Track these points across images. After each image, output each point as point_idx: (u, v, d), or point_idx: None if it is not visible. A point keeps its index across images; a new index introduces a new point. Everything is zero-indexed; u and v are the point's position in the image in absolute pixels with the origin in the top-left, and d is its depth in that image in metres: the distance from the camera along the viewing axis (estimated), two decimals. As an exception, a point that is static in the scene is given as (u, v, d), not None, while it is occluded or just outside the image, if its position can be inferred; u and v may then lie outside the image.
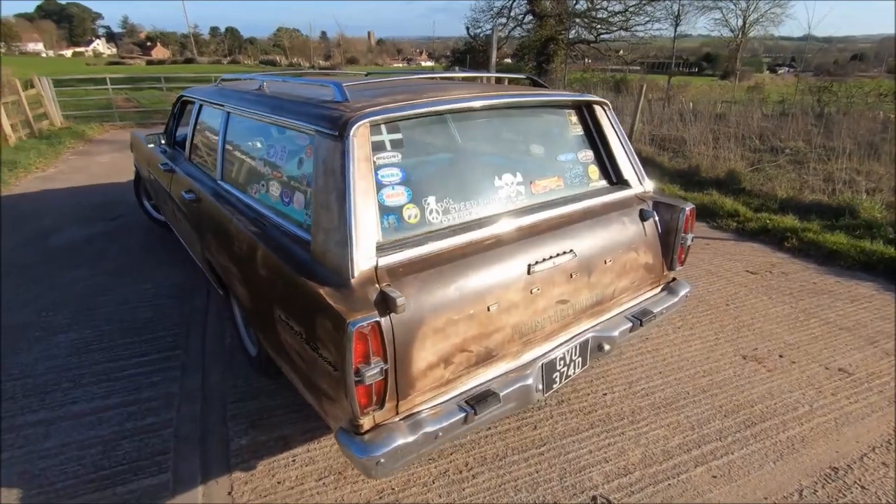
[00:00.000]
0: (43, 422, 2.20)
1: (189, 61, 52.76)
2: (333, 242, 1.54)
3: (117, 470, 1.96)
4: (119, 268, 3.78)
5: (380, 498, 1.85)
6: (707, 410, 2.32)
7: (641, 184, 2.38)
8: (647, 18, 20.47)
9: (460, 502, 1.84)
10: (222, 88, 2.78)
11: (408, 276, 1.55)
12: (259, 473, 1.95)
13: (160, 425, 2.19)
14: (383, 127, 1.74)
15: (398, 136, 1.77)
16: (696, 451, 2.08)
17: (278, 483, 1.91)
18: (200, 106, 2.91)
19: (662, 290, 2.40)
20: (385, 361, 1.43)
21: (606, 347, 2.08)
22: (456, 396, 1.67)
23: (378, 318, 1.39)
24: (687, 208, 2.27)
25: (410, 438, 1.51)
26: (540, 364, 1.85)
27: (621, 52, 24.05)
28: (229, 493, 1.86)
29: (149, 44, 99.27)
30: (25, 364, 2.61)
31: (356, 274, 1.49)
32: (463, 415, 1.61)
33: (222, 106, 2.53)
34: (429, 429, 1.55)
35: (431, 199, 1.78)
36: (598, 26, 21.34)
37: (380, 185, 1.67)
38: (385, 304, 1.45)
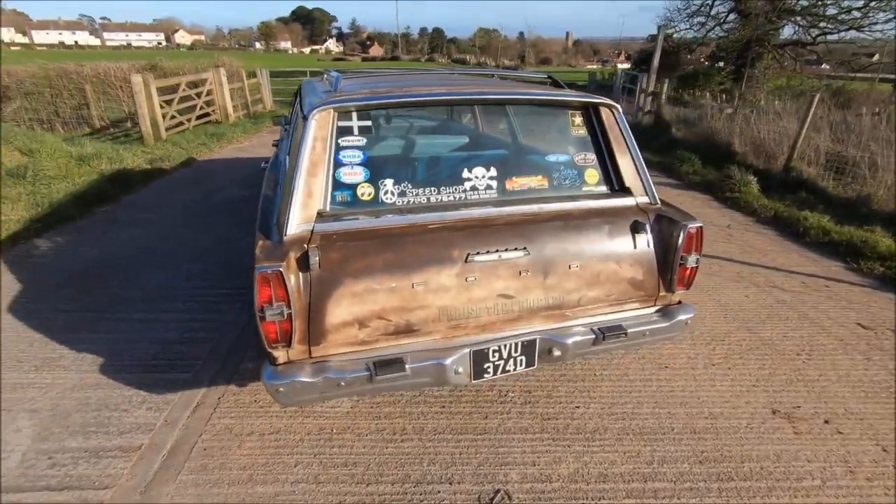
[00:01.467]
0: (138, 320, 2.99)
1: (394, 58, 58.85)
2: (284, 207, 1.86)
3: (163, 363, 2.59)
4: (252, 224, 4.70)
5: (318, 433, 2.14)
6: (682, 451, 2.09)
7: (646, 194, 2.22)
8: (892, 14, 16.59)
9: (377, 456, 2.03)
10: (310, 80, 3.32)
11: (338, 243, 1.80)
12: (247, 391, 2.40)
13: (205, 341, 2.80)
14: (354, 115, 1.99)
15: (367, 123, 2.01)
16: (637, 484, 1.92)
17: (254, 401, 2.33)
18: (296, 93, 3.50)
19: (657, 311, 2.21)
20: (288, 306, 1.70)
21: (557, 353, 2.04)
22: (371, 357, 1.87)
23: (280, 268, 1.66)
24: (690, 226, 2.07)
25: (311, 379, 1.76)
26: (469, 350, 1.92)
27: (876, 56, 19.87)
28: (219, 399, 2.34)
29: (368, 42, 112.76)
30: (149, 281, 3.50)
31: (288, 234, 1.79)
32: (367, 373, 1.80)
33: (298, 93, 3.04)
34: (331, 375, 1.78)
35: (389, 182, 1.98)
36: (825, 24, 17.99)
37: (339, 164, 1.94)
38: (305, 262, 1.72)
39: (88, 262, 3.74)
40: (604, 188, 2.23)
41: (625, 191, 2.22)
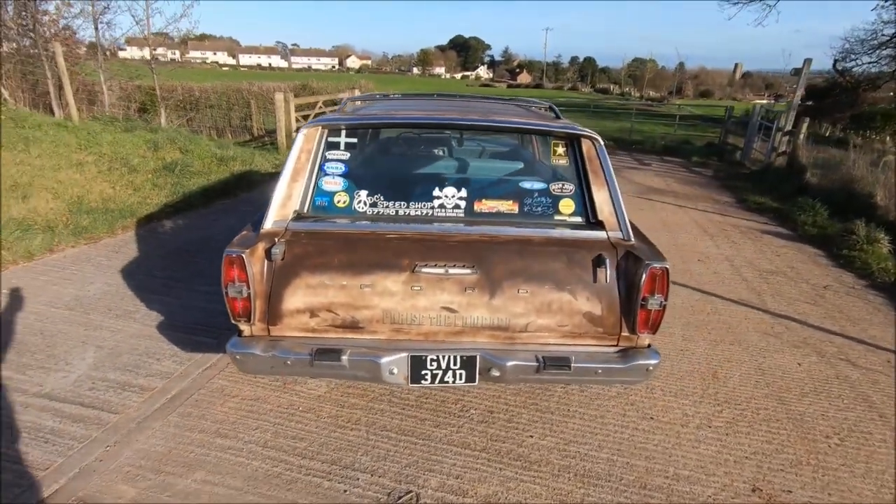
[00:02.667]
0: (202, 291, 3.59)
1: (538, 86, 59.57)
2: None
3: (200, 328, 3.11)
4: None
5: (287, 407, 2.43)
6: (617, 502, 1.97)
7: (620, 229, 2.16)
8: None
9: (323, 437, 2.24)
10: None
11: (303, 241, 2.08)
12: (251, 362, 2.78)
13: (242, 316, 3.28)
14: (344, 132, 2.27)
15: (353, 140, 2.28)
16: (549, 520, 1.87)
17: (252, 371, 2.70)
18: None
19: (618, 351, 2.12)
20: (248, 287, 2.00)
21: (495, 373, 2.07)
22: (316, 344, 2.09)
23: (243, 254, 1.97)
24: (654, 265, 1.99)
25: (262, 353, 2.04)
26: (407, 355, 2.06)
27: None
28: (227, 364, 2.75)
29: (517, 70, 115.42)
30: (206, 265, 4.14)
31: (264, 228, 2.11)
32: (308, 357, 2.03)
33: None
34: (278, 354, 2.04)
35: (363, 193, 2.23)
36: None
37: (324, 173, 2.23)
38: (270, 253, 2.03)
39: (192, 241, 4.55)
40: (578, 219, 2.22)
41: (598, 224, 2.18)
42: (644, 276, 1.99)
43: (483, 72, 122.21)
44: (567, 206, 2.23)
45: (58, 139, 6.67)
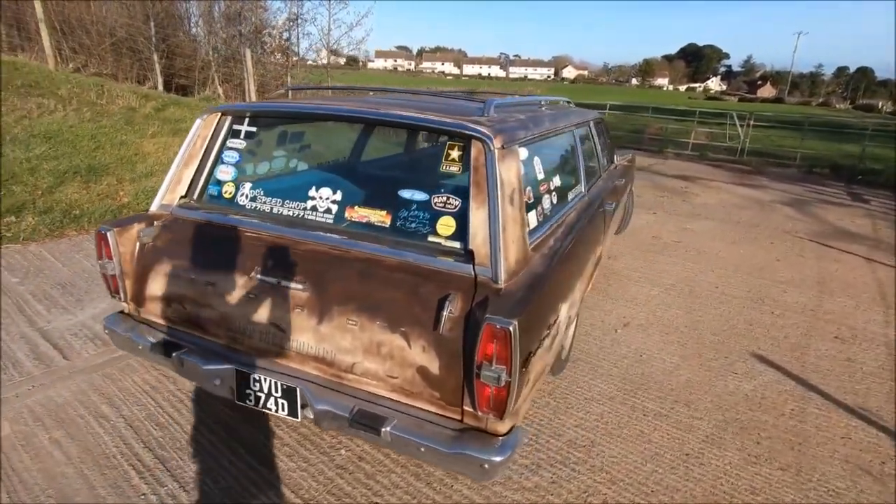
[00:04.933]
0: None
1: (778, 100, 50.42)
2: None
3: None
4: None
5: (175, 391, 2.42)
6: None
7: (490, 266, 1.58)
8: None
9: (179, 435, 2.16)
10: None
11: (174, 227, 2.04)
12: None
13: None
14: (247, 119, 2.15)
15: (253, 129, 2.13)
16: None
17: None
18: None
19: (459, 429, 1.56)
20: (116, 266, 2.02)
21: (309, 415, 1.73)
22: (164, 335, 2.00)
23: (109, 232, 1.98)
24: (496, 323, 1.42)
25: (122, 333, 2.05)
26: (234, 368, 1.85)
27: None
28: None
29: (759, 82, 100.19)
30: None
31: (151, 210, 2.12)
32: (149, 346, 1.97)
33: None
34: (133, 336, 2.02)
35: (248, 185, 2.08)
36: None
37: (221, 161, 2.15)
38: (139, 235, 2.03)
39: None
40: (457, 244, 1.70)
41: (468, 254, 1.64)
42: (479, 336, 1.41)
43: (714, 83, 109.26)
44: (446, 225, 1.72)
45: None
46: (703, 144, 12.32)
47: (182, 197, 2.13)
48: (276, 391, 1.78)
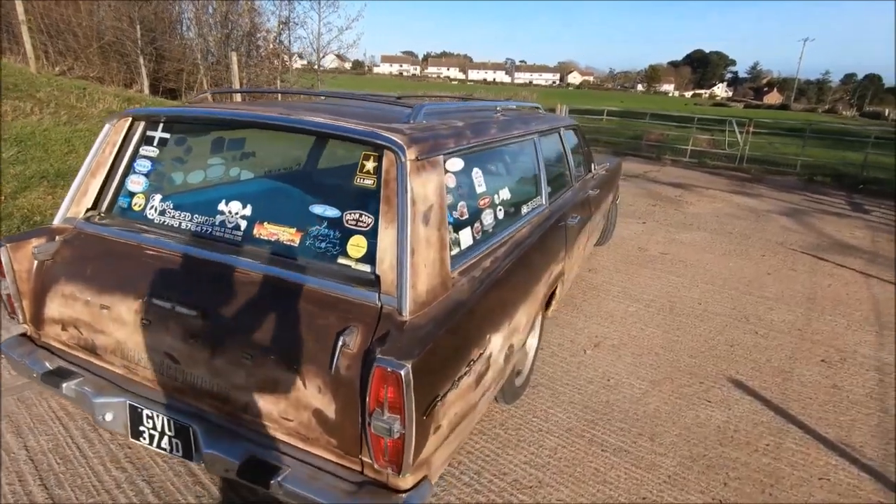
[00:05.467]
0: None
1: (783, 107, 50.02)
2: None
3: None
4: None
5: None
6: None
7: (395, 294, 1.38)
8: None
9: (83, 470, 1.97)
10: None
11: (75, 243, 1.86)
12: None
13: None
14: (161, 126, 1.96)
15: (166, 136, 1.95)
16: None
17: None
18: None
19: (358, 482, 1.36)
20: (10, 284, 1.83)
21: (193, 455, 1.53)
22: (56, 363, 1.81)
23: (0, 248, 1.80)
24: (386, 366, 1.22)
25: (17, 355, 1.85)
26: (126, 402, 1.66)
27: None
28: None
29: (765, 89, 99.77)
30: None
31: (54, 224, 1.94)
32: (43, 371, 1.78)
33: None
34: (28, 363, 1.83)
35: (157, 197, 1.89)
36: None
37: (133, 171, 1.96)
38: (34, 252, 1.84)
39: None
40: (367, 268, 1.50)
41: (374, 280, 1.44)
42: (370, 378, 1.22)
43: (720, 90, 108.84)
44: (357, 246, 1.53)
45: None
46: (701, 151, 12.08)
47: (89, 209, 1.95)
48: (170, 430, 1.59)
